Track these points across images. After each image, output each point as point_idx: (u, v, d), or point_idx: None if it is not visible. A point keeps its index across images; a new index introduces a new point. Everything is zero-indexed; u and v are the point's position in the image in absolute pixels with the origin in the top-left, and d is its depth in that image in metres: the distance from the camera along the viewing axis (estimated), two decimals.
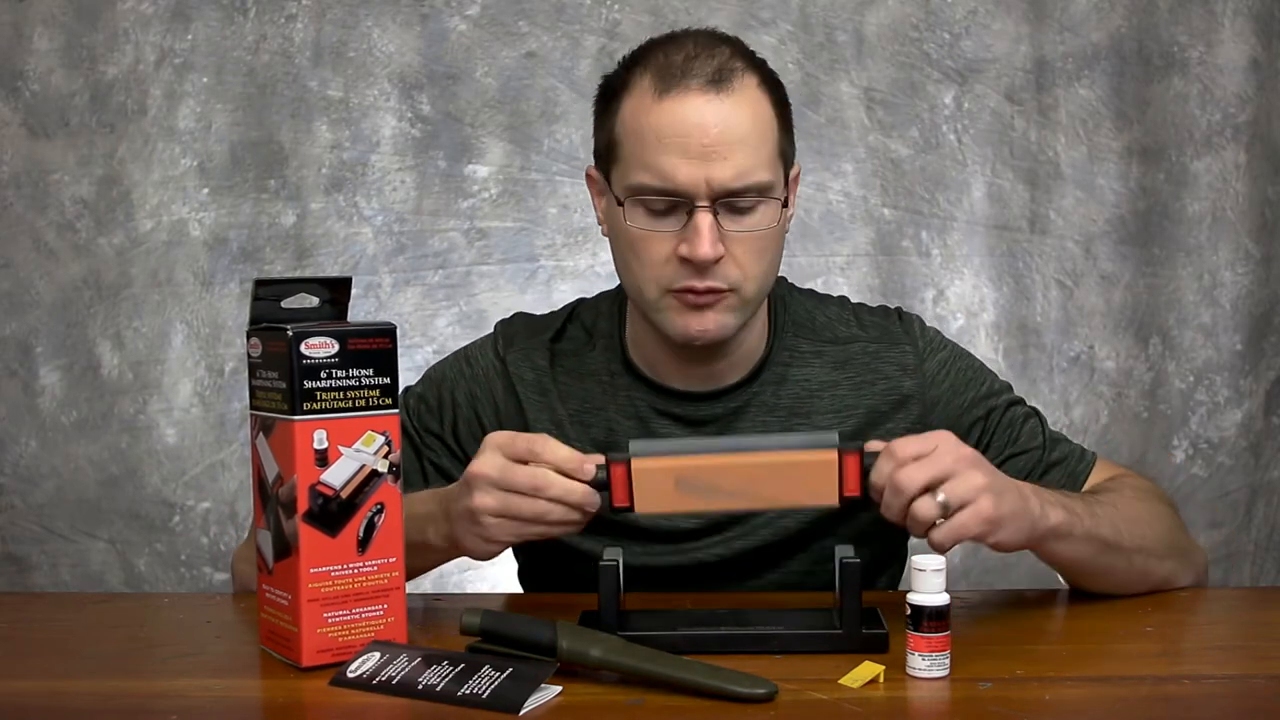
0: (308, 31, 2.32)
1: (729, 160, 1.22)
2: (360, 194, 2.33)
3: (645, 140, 1.24)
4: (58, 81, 2.30)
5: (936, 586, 1.02)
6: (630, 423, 1.35)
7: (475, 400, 1.38)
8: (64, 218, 2.31)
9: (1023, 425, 1.36)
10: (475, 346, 1.43)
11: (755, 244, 1.25)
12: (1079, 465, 1.36)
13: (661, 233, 1.24)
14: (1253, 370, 2.33)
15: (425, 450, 1.38)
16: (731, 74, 1.24)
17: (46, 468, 2.31)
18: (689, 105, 1.23)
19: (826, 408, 1.34)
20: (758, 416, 1.34)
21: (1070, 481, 1.34)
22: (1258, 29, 2.31)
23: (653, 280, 1.26)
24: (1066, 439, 1.39)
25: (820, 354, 1.36)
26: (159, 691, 1.04)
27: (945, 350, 1.39)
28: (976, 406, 1.36)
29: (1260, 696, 1.01)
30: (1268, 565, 2.33)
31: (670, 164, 1.22)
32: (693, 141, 1.22)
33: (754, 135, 1.24)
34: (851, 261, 2.34)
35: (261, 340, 1.09)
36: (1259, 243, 2.32)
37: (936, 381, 1.36)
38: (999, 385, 1.40)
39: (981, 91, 2.33)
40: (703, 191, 1.22)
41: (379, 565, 1.09)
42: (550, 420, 1.36)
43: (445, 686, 0.99)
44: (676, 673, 1.00)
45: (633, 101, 1.26)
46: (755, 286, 1.27)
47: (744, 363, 1.35)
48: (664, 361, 1.34)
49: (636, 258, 1.27)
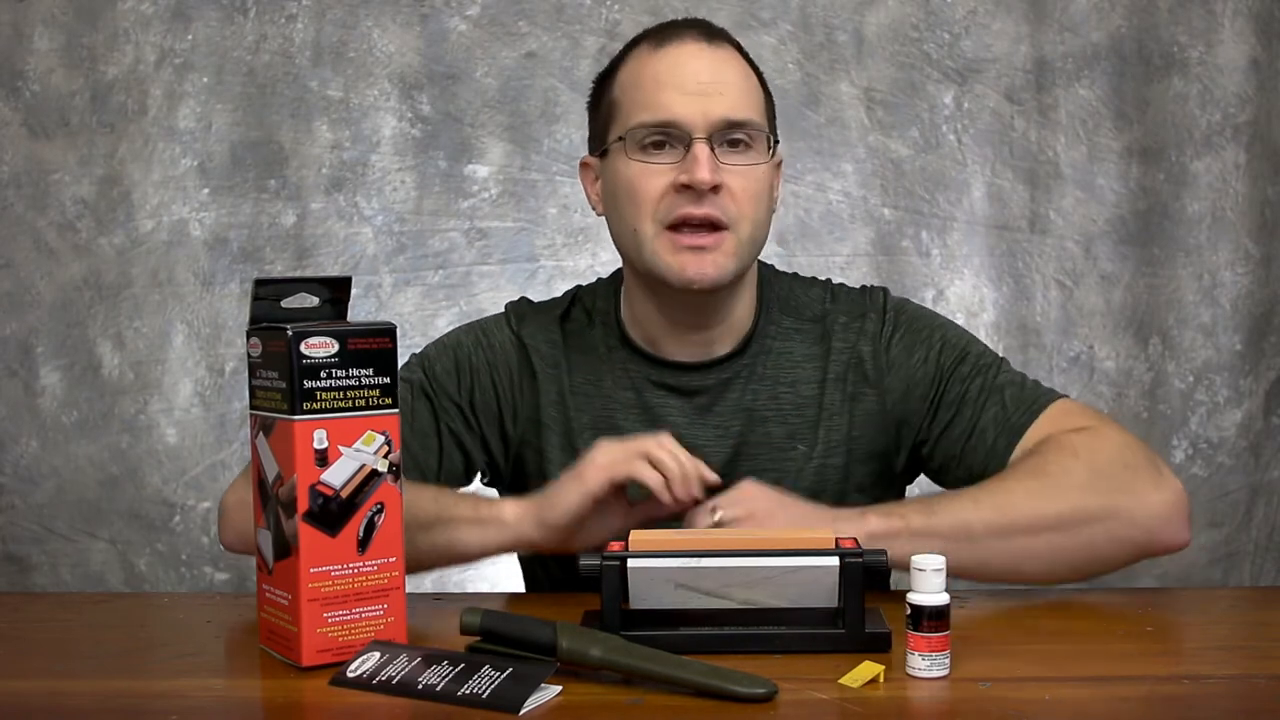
0: (308, 31, 2.32)
1: (725, 96, 1.31)
2: (360, 194, 2.33)
3: (644, 85, 1.33)
4: (58, 81, 2.30)
5: (936, 586, 1.02)
6: (627, 393, 1.40)
7: (493, 368, 1.42)
8: (64, 218, 2.31)
9: (976, 381, 1.36)
10: (488, 321, 1.47)
11: (749, 182, 1.32)
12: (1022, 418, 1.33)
13: (660, 164, 1.31)
14: (1253, 370, 2.33)
15: (443, 415, 1.41)
16: (723, 36, 1.36)
17: (46, 468, 2.31)
18: (685, 51, 1.33)
19: (810, 378, 1.40)
20: (747, 385, 1.39)
21: (1007, 436, 1.33)
22: (1258, 29, 2.31)
23: (649, 217, 1.32)
24: (1018, 387, 1.36)
25: (801, 330, 1.42)
26: (159, 691, 1.04)
27: (905, 313, 1.42)
28: (929, 364, 1.39)
29: (1260, 696, 1.01)
30: (1268, 565, 2.33)
31: (669, 99, 1.31)
32: (689, 80, 1.31)
33: (744, 82, 1.35)
34: (851, 261, 2.34)
35: (261, 340, 1.09)
36: (1259, 243, 2.32)
37: (891, 344, 1.40)
38: (955, 338, 1.40)
39: (981, 91, 2.33)
40: (700, 124, 1.30)
41: (379, 565, 1.09)
42: (558, 393, 1.40)
43: (445, 686, 0.99)
44: (676, 673, 1.00)
45: (630, 64, 1.36)
46: (749, 230, 1.33)
47: (733, 334, 1.40)
48: (659, 332, 1.39)
49: (633, 198, 1.32)
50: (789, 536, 1.13)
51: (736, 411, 1.39)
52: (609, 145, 1.35)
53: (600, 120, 1.38)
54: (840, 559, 1.08)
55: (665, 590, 1.10)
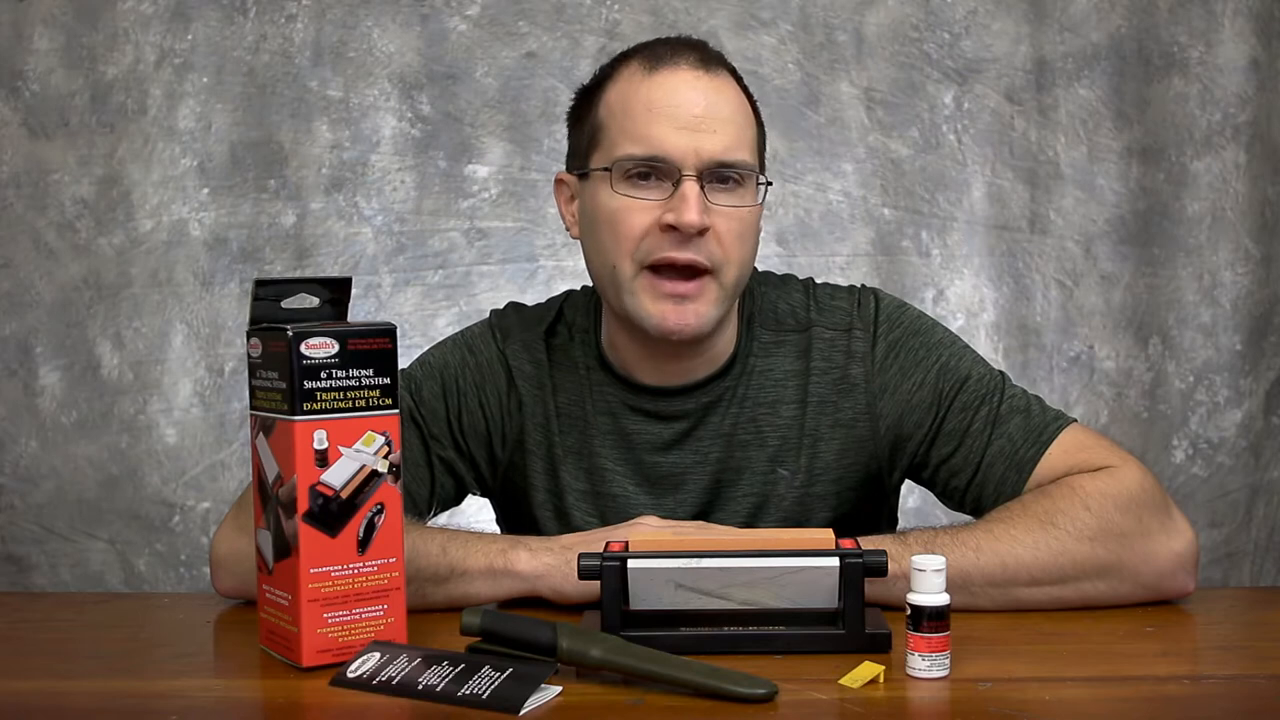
0: (308, 31, 2.32)
1: (718, 134, 1.25)
2: (360, 194, 2.33)
3: (634, 113, 1.26)
4: (58, 81, 2.30)
5: (936, 586, 1.02)
6: (604, 419, 1.35)
7: (480, 390, 1.38)
8: (64, 218, 2.31)
9: (975, 414, 1.31)
10: (474, 334, 1.42)
11: (737, 224, 1.26)
12: (1029, 452, 1.28)
13: (645, 200, 1.25)
14: (1253, 370, 2.32)
15: (433, 445, 1.38)
16: (717, 63, 1.29)
17: (46, 468, 2.31)
18: (679, 79, 1.26)
19: (791, 398, 1.34)
20: (728, 409, 1.34)
21: (1015, 473, 1.28)
22: (1258, 29, 2.31)
23: (629, 255, 1.26)
24: (1024, 415, 1.31)
25: (782, 343, 1.36)
26: (159, 691, 1.04)
27: (898, 329, 1.35)
28: (925, 389, 1.32)
29: (1260, 696, 1.01)
30: (1268, 565, 2.33)
31: (660, 133, 1.24)
32: (683, 112, 1.25)
33: (739, 117, 1.28)
34: (851, 261, 2.34)
35: (261, 340, 1.09)
36: (1259, 243, 2.32)
37: (885, 366, 1.34)
38: (955, 360, 1.34)
39: (981, 91, 2.33)
40: (691, 161, 1.24)
41: (379, 565, 1.09)
42: (543, 414, 1.37)
43: (445, 687, 0.99)
44: (676, 673, 1.00)
45: (619, 85, 1.29)
46: (734, 274, 1.28)
47: (716, 359, 1.35)
48: (637, 359, 1.34)
49: (614, 232, 1.26)
50: (789, 537, 1.13)
51: (716, 437, 1.34)
52: (590, 170, 1.30)
53: (583, 138, 1.32)
54: (840, 559, 1.08)
55: (665, 591, 1.10)
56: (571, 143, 1.35)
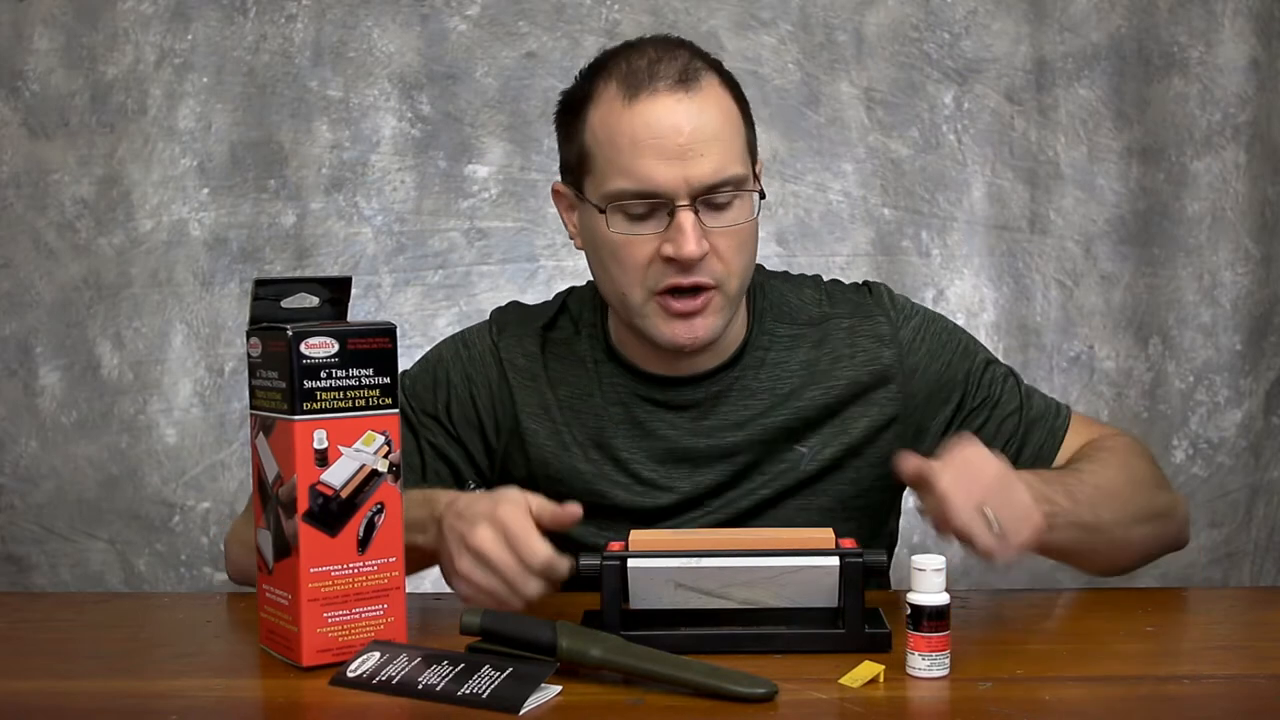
0: (308, 31, 2.32)
1: (705, 158, 1.25)
2: (360, 194, 2.33)
3: (619, 146, 1.25)
4: (58, 81, 2.30)
5: (936, 586, 1.02)
6: (616, 408, 1.37)
7: (471, 382, 1.41)
8: (64, 218, 2.31)
9: (1002, 385, 1.40)
10: (472, 331, 1.46)
11: (736, 238, 1.28)
12: (1057, 421, 1.39)
13: (643, 235, 1.27)
14: (1253, 370, 2.32)
15: (421, 430, 1.40)
16: (696, 73, 1.27)
17: (46, 468, 2.31)
18: (660, 107, 1.25)
19: (808, 384, 1.37)
20: (739, 400, 1.37)
21: (1050, 439, 1.38)
22: (1258, 29, 2.31)
23: (637, 284, 1.28)
24: (1040, 393, 1.43)
25: (797, 337, 1.39)
26: (159, 691, 1.04)
27: (918, 316, 1.41)
28: (954, 369, 1.39)
29: (1260, 696, 1.01)
30: (1268, 565, 2.33)
31: (648, 167, 1.24)
32: (668, 142, 1.24)
33: (725, 130, 1.27)
34: (851, 261, 2.34)
35: (261, 340, 1.09)
36: (1259, 243, 2.32)
37: (914, 349, 1.39)
38: (974, 345, 1.43)
39: (981, 91, 2.33)
40: (682, 191, 1.25)
41: (379, 565, 1.09)
42: (539, 405, 1.38)
43: (445, 686, 0.99)
44: (676, 673, 1.00)
45: (601, 110, 1.28)
46: (738, 282, 1.31)
47: (724, 350, 1.37)
48: (644, 355, 1.37)
49: (619, 264, 1.29)
50: (789, 536, 1.13)
51: (730, 424, 1.36)
52: (585, 199, 1.30)
53: (572, 156, 1.32)
54: (840, 559, 1.08)
55: (665, 590, 1.10)
56: (562, 154, 1.35)
